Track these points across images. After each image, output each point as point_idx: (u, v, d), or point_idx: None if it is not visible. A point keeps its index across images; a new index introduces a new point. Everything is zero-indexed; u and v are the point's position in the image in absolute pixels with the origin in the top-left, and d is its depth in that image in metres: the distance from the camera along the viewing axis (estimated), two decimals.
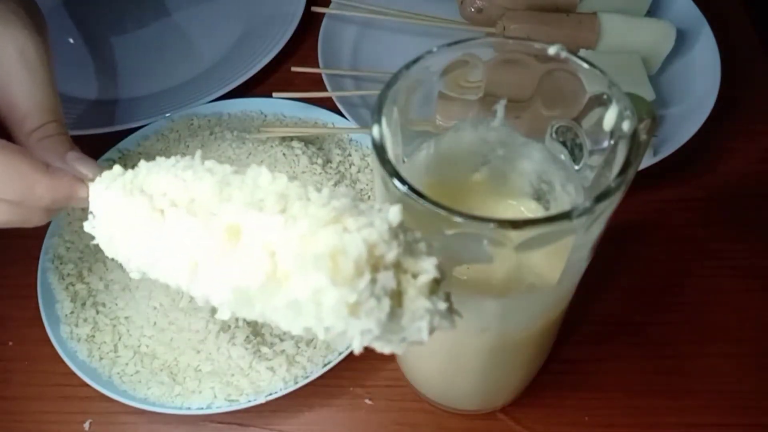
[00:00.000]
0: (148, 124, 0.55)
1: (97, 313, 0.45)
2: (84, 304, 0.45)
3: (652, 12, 0.58)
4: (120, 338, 0.44)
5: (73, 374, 0.42)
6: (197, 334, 0.43)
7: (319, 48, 0.60)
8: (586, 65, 0.28)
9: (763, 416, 0.41)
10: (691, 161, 0.52)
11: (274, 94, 0.54)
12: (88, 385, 0.41)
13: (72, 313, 0.45)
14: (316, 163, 0.50)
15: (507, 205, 0.33)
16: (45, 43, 0.36)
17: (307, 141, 0.53)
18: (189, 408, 0.40)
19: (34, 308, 0.45)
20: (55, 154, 0.32)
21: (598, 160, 0.29)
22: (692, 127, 0.49)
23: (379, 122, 0.26)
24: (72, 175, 0.31)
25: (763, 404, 0.41)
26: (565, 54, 0.28)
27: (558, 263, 0.27)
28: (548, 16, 0.55)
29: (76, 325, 0.44)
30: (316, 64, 0.59)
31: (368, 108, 0.55)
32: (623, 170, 0.25)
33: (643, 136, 0.26)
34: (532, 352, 0.36)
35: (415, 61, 0.28)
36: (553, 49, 0.28)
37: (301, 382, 0.40)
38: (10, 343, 0.46)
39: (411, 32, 0.62)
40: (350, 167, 0.51)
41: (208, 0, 0.70)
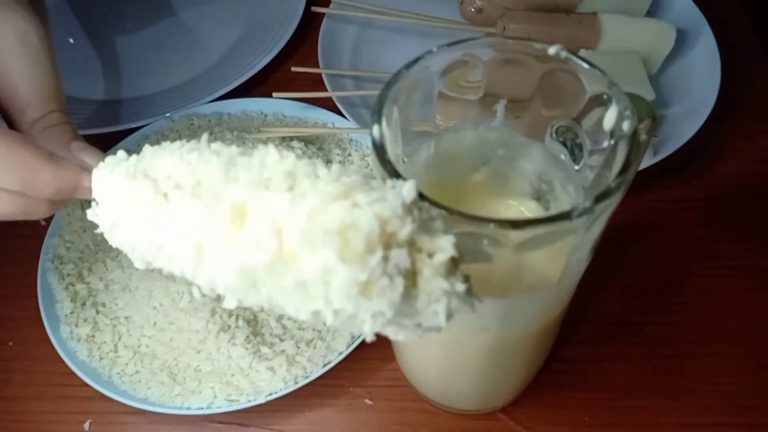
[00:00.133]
0: (148, 124, 0.55)
1: (97, 313, 0.45)
2: (84, 304, 0.45)
3: (652, 12, 0.58)
4: (120, 338, 0.44)
5: (73, 374, 0.42)
6: (197, 334, 0.43)
7: (319, 48, 0.60)
8: (586, 65, 0.28)
9: (763, 416, 0.41)
10: (691, 161, 0.52)
11: (274, 94, 0.54)
12: (88, 385, 0.41)
13: (72, 313, 0.45)
14: None
15: (507, 205, 0.33)
16: (47, 32, 0.35)
17: (307, 141, 0.53)
18: (189, 408, 0.40)
19: (34, 308, 0.45)
20: (59, 144, 0.32)
21: (598, 160, 0.29)
22: (692, 127, 0.49)
23: (379, 122, 0.26)
24: (76, 165, 0.30)
25: (763, 404, 0.41)
26: (565, 54, 0.28)
27: (558, 263, 0.27)
28: (548, 16, 0.55)
29: (76, 325, 0.44)
30: (316, 64, 0.59)
31: (368, 108, 0.55)
32: (623, 170, 0.25)
33: (643, 136, 0.26)
34: (532, 352, 0.36)
35: (415, 61, 0.28)
36: (553, 49, 0.28)
37: (301, 382, 0.40)
38: (10, 343, 0.46)
39: (411, 32, 0.62)
40: (350, 167, 0.52)
41: (208, 0, 0.70)
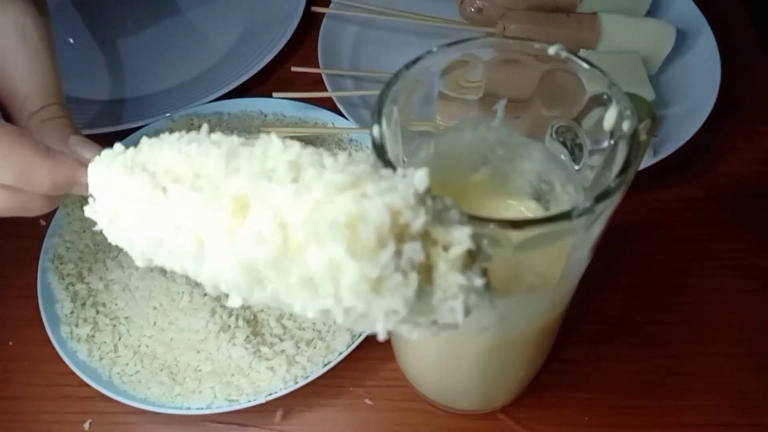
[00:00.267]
0: (148, 124, 0.55)
1: (97, 313, 0.45)
2: (84, 304, 0.45)
3: (652, 12, 0.58)
4: (120, 338, 0.44)
5: (73, 374, 0.42)
6: (197, 334, 0.43)
7: (319, 48, 0.60)
8: (586, 65, 0.28)
9: (763, 416, 0.41)
10: (691, 161, 0.52)
11: (274, 94, 0.54)
12: (88, 385, 0.41)
13: (72, 313, 0.45)
14: None
15: (507, 205, 0.33)
16: (46, 25, 0.35)
17: (307, 141, 0.53)
18: (189, 408, 0.40)
19: (34, 308, 0.45)
20: (56, 138, 0.31)
21: (598, 160, 0.29)
22: (692, 127, 0.49)
23: (379, 122, 0.26)
24: (74, 159, 0.29)
25: (763, 404, 0.41)
26: (565, 54, 0.28)
27: (558, 263, 0.27)
28: (548, 16, 0.55)
29: (76, 325, 0.44)
30: (316, 64, 0.59)
31: (368, 108, 0.55)
32: (623, 170, 0.25)
33: (643, 136, 0.26)
34: (532, 352, 0.36)
35: (415, 61, 0.28)
36: (553, 49, 0.28)
37: (301, 382, 0.40)
38: (10, 343, 0.46)
39: (411, 32, 0.62)
40: None
41: (208, 0, 0.70)
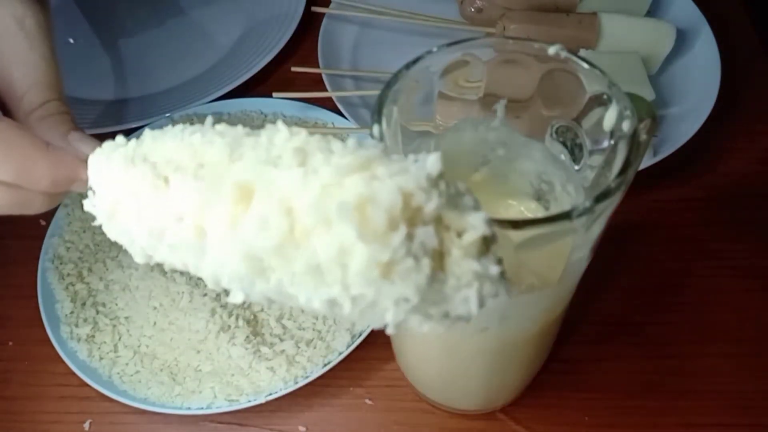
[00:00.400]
0: (148, 124, 0.55)
1: (97, 313, 0.45)
2: (84, 304, 0.45)
3: (652, 12, 0.58)
4: (120, 338, 0.44)
5: (73, 374, 0.42)
6: (197, 334, 0.43)
7: (319, 48, 0.60)
8: (586, 65, 0.28)
9: (763, 416, 0.41)
10: (691, 161, 0.52)
11: (274, 94, 0.54)
12: (88, 385, 0.41)
13: (72, 313, 0.45)
14: None
15: (507, 205, 0.33)
16: (46, 20, 0.34)
17: None
18: (189, 408, 0.40)
19: (34, 308, 0.45)
20: (56, 134, 0.30)
21: (598, 160, 0.29)
22: (692, 127, 0.49)
23: (379, 122, 0.26)
24: (74, 155, 0.29)
25: (763, 404, 0.41)
26: (565, 54, 0.28)
27: (558, 263, 0.27)
28: (548, 16, 0.55)
29: (76, 325, 0.44)
30: (316, 64, 0.59)
31: (368, 108, 0.55)
32: (623, 170, 0.25)
33: (643, 136, 0.26)
34: (532, 352, 0.36)
35: (415, 61, 0.28)
36: (553, 49, 0.28)
37: (301, 382, 0.40)
38: (10, 343, 0.46)
39: (411, 32, 0.62)
40: None
41: (208, 1, 0.70)
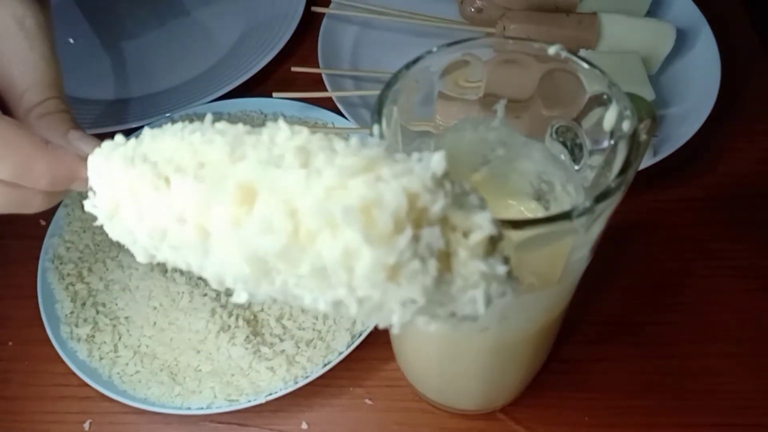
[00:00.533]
0: (148, 124, 0.55)
1: (97, 313, 0.45)
2: (84, 304, 0.45)
3: (652, 12, 0.58)
4: (120, 338, 0.44)
5: (73, 374, 0.42)
6: (197, 334, 0.43)
7: (319, 48, 0.60)
8: (586, 65, 0.28)
9: (763, 416, 0.41)
10: (691, 161, 0.52)
11: (274, 94, 0.54)
12: (88, 385, 0.41)
13: (72, 313, 0.45)
14: None
15: (507, 205, 0.33)
16: (46, 18, 0.34)
17: None
18: (189, 408, 0.40)
19: (34, 308, 0.45)
20: (56, 132, 0.30)
21: (598, 160, 0.29)
22: (692, 127, 0.49)
23: (379, 122, 0.26)
24: (74, 154, 0.28)
25: (763, 404, 0.41)
26: (565, 54, 0.28)
27: (558, 263, 0.27)
28: (548, 16, 0.55)
29: (76, 325, 0.44)
30: (316, 64, 0.59)
31: (368, 108, 0.55)
32: (623, 170, 0.25)
33: (643, 136, 0.26)
34: (532, 352, 0.36)
35: (415, 61, 0.28)
36: (553, 49, 0.28)
37: (301, 382, 0.40)
38: (10, 343, 0.46)
39: (411, 32, 0.62)
40: None
41: (208, 1, 0.70)
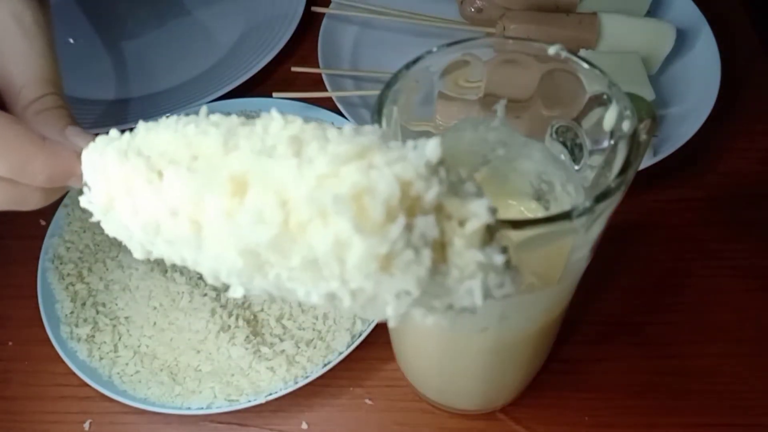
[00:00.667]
0: None
1: (97, 313, 0.45)
2: (84, 304, 0.45)
3: (652, 12, 0.58)
4: (120, 338, 0.44)
5: (73, 374, 0.42)
6: (197, 334, 0.43)
7: (319, 48, 0.60)
8: (586, 65, 0.28)
9: (763, 416, 0.41)
10: (691, 161, 0.52)
11: (274, 94, 0.54)
12: (88, 385, 0.41)
13: (72, 313, 0.45)
14: None
15: (507, 205, 0.33)
16: (45, 14, 0.34)
17: None
18: (189, 408, 0.40)
19: (34, 308, 0.45)
20: (53, 129, 0.30)
21: (598, 160, 0.29)
22: (692, 127, 0.49)
23: (379, 122, 0.26)
24: (71, 150, 0.28)
25: (763, 404, 0.41)
26: (565, 54, 0.28)
27: (558, 263, 0.27)
28: (548, 16, 0.55)
29: (76, 325, 0.44)
30: (316, 64, 0.59)
31: (368, 108, 0.55)
32: (623, 170, 0.25)
33: (643, 136, 0.26)
34: (532, 352, 0.36)
35: (415, 61, 0.28)
36: (553, 49, 0.28)
37: (301, 382, 0.40)
38: (10, 343, 0.46)
39: (411, 32, 0.62)
40: None
41: (208, 1, 0.70)
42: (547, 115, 0.31)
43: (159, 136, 0.22)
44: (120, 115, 0.59)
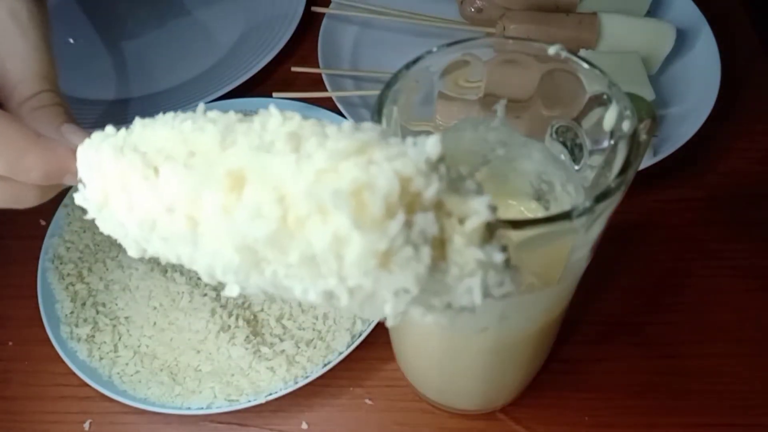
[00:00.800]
0: None
1: (97, 313, 0.45)
2: (84, 304, 0.45)
3: (652, 12, 0.58)
4: (120, 338, 0.44)
5: (73, 374, 0.42)
6: (197, 334, 0.43)
7: (319, 48, 0.60)
8: (586, 65, 0.28)
9: (764, 416, 0.41)
10: (691, 161, 0.52)
11: (274, 94, 0.54)
12: (88, 385, 0.41)
13: (72, 313, 0.45)
14: None
15: (507, 205, 0.33)
16: (42, 11, 0.34)
17: None
18: (189, 408, 0.40)
19: (34, 308, 0.45)
20: (49, 126, 0.30)
21: (598, 160, 0.29)
22: (692, 127, 0.49)
23: (379, 122, 0.26)
24: (66, 147, 0.27)
25: (763, 404, 0.41)
26: (565, 54, 0.28)
27: (558, 263, 0.27)
28: (548, 16, 0.55)
29: (76, 325, 0.44)
30: (316, 64, 0.59)
31: (368, 108, 0.55)
32: (623, 170, 0.25)
33: (643, 136, 0.26)
34: (532, 352, 0.36)
35: (415, 61, 0.28)
36: (553, 49, 0.28)
37: (301, 382, 0.40)
38: (10, 343, 0.46)
39: (411, 32, 0.62)
40: None
41: (208, 1, 0.70)
42: (547, 115, 0.31)
43: (155, 133, 0.21)
44: (120, 115, 0.59)
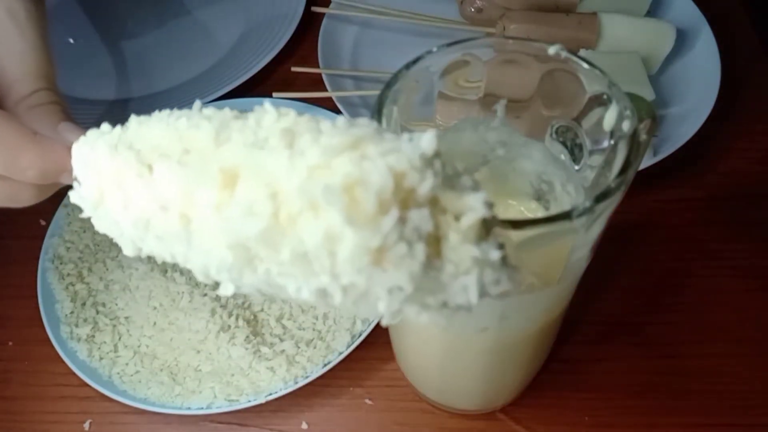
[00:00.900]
0: None
1: (97, 313, 0.45)
2: (84, 304, 0.45)
3: (652, 12, 0.58)
4: (120, 338, 0.44)
5: (73, 374, 0.42)
6: (197, 334, 0.43)
7: (319, 48, 0.60)
8: (586, 65, 0.28)
9: (764, 416, 0.41)
10: (691, 161, 0.52)
11: (274, 94, 0.54)
12: (88, 385, 0.41)
13: (72, 313, 0.45)
14: None
15: (507, 205, 0.33)
16: (39, 9, 0.33)
17: None
18: (189, 408, 0.40)
19: (34, 308, 0.45)
20: (46, 124, 0.29)
21: (598, 160, 0.29)
22: (692, 127, 0.49)
23: (379, 122, 0.26)
24: (62, 145, 0.27)
25: (763, 404, 0.41)
26: (565, 54, 0.28)
27: (558, 263, 0.27)
28: (548, 16, 0.55)
29: (76, 325, 0.44)
30: (316, 64, 0.59)
31: (368, 108, 0.55)
32: (623, 170, 0.25)
33: (643, 136, 0.26)
34: (532, 352, 0.36)
35: (415, 61, 0.28)
36: (553, 49, 0.28)
37: (301, 382, 0.40)
38: (10, 343, 0.46)
39: (411, 32, 0.62)
40: None
41: (208, 1, 0.70)
42: (547, 115, 0.31)
43: (150, 130, 0.21)
44: (120, 115, 0.58)
